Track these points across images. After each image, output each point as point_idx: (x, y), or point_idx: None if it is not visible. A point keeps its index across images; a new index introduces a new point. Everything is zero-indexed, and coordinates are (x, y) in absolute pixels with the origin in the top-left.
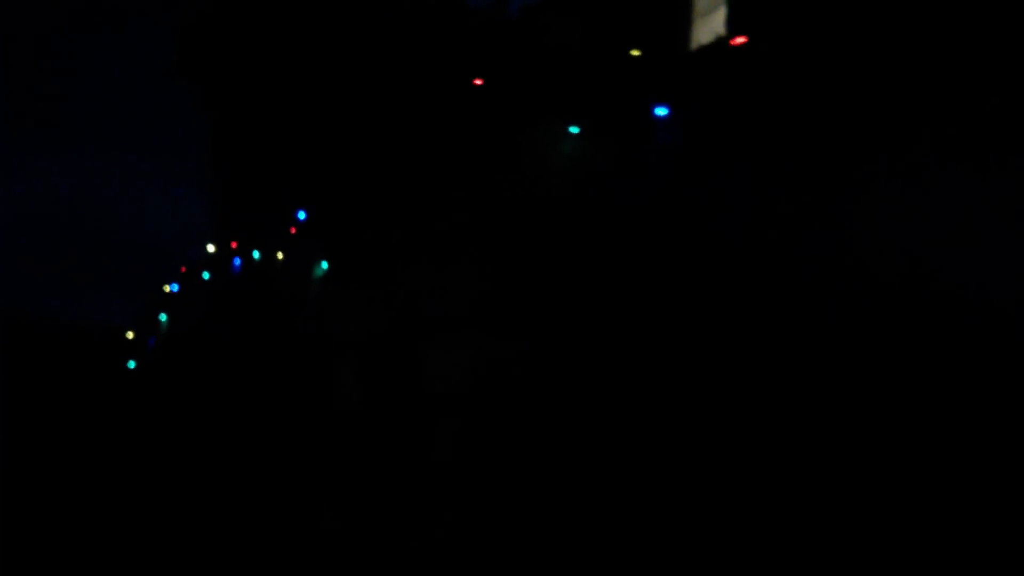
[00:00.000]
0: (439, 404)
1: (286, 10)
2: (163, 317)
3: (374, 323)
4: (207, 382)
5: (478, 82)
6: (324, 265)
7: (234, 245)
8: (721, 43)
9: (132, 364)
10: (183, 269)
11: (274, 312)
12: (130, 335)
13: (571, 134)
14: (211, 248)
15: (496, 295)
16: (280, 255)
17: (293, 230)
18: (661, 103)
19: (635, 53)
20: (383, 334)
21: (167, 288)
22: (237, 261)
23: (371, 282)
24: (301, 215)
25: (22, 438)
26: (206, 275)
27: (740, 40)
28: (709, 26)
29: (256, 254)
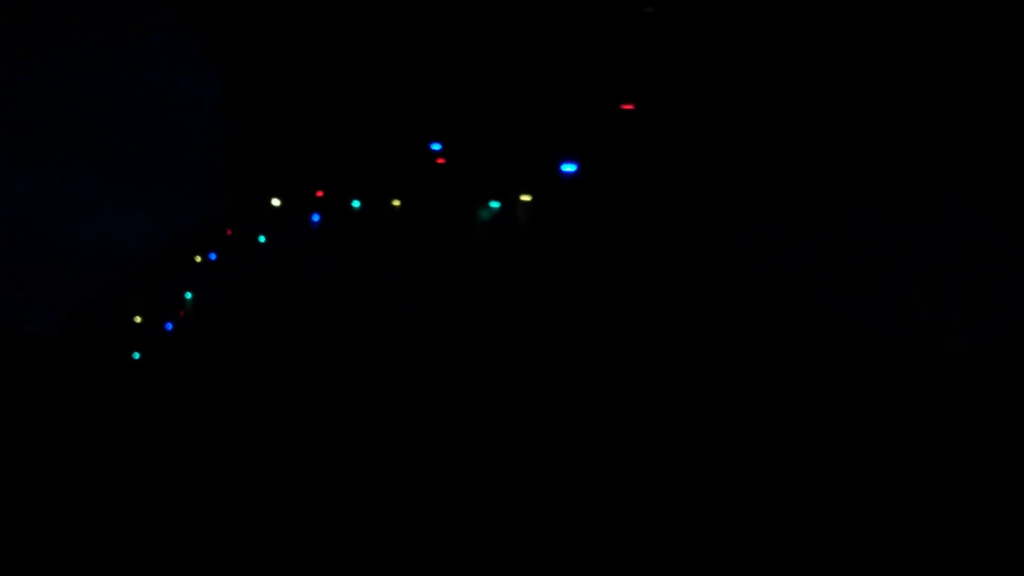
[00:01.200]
0: None
1: None
2: (188, 295)
3: (661, 274)
4: (335, 367)
5: None
6: (494, 204)
7: (320, 194)
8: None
9: (137, 355)
10: (228, 232)
11: (444, 270)
12: (137, 319)
13: None
14: (276, 202)
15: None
16: (399, 201)
17: (442, 160)
18: None
19: None
20: (682, 286)
21: (198, 259)
22: (316, 216)
23: (647, 221)
24: (436, 146)
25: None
26: (262, 239)
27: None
28: None
29: (356, 203)
